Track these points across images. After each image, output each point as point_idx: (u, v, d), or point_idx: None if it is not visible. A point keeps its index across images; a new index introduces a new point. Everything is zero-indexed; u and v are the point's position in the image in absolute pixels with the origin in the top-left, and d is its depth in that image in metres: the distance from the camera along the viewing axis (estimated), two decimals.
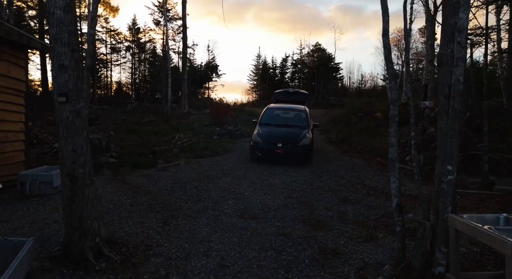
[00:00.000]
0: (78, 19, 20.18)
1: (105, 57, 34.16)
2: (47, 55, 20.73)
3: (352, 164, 9.46)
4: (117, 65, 36.05)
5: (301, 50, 46.45)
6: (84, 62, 3.83)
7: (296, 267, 3.86)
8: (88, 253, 3.69)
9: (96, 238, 3.83)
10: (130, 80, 36.27)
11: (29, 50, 7.82)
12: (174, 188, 6.66)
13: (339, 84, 47.00)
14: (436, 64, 15.48)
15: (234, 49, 77.74)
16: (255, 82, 50.18)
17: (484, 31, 9.76)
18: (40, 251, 3.82)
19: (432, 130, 10.24)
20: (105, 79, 35.49)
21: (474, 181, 8.11)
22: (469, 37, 11.32)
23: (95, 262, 3.67)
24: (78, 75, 3.70)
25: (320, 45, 45.15)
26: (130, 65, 36.10)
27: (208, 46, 40.75)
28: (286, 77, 48.76)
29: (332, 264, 3.95)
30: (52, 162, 7.68)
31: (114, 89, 36.27)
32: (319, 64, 42.77)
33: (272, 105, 11.69)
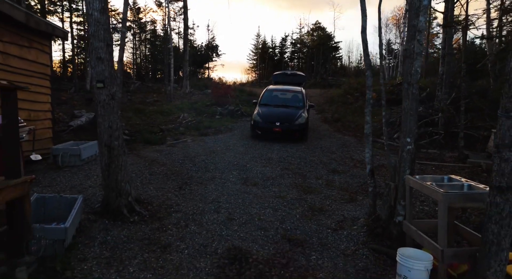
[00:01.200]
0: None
1: None
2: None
3: (343, 141, 10.37)
4: (118, 45, 36.27)
5: (300, 29, 46.60)
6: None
7: (289, 220, 4.83)
8: (123, 208, 4.65)
9: (129, 197, 4.78)
10: (131, 60, 36.67)
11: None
12: (184, 161, 7.58)
13: (338, 64, 47.35)
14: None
15: (234, 28, 77.17)
16: (255, 62, 50.49)
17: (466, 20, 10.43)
18: (84, 208, 4.76)
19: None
20: None
21: (451, 156, 9.06)
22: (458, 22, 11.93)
23: (129, 215, 4.63)
24: (112, 65, 4.53)
25: (320, 23, 45.27)
26: (132, 45, 36.38)
27: (208, 26, 41.06)
28: (286, 56, 49.01)
29: (318, 218, 4.92)
30: (70, 139, 8.58)
31: (115, 69, 36.72)
32: (318, 44, 43.02)
33: (271, 86, 12.48)
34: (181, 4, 28.23)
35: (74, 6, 28.14)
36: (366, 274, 3.58)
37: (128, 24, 35.69)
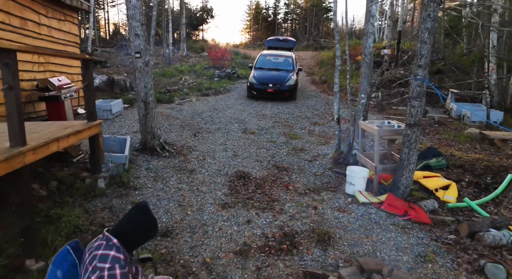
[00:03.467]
0: None
1: None
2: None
3: (327, 100, 12.00)
4: (113, 6, 36.32)
5: None
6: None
7: (277, 156, 6.60)
8: (157, 147, 6.34)
9: (160, 139, 6.46)
10: (127, 23, 36.85)
11: None
12: (194, 116, 9.21)
13: (331, 25, 47.71)
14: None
15: None
16: (248, 23, 50.53)
17: None
18: None
19: (390, 72, 12.65)
20: (104, 21, 36.04)
21: None
22: None
23: (161, 152, 6.33)
24: (145, 40, 5.99)
25: None
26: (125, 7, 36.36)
27: None
28: (279, 18, 49.08)
29: (299, 154, 6.70)
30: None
31: (112, 31, 36.96)
32: (311, 5, 43.19)
33: (264, 51, 13.86)
34: None
35: None
36: (328, 185, 5.40)
37: None
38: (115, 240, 1.99)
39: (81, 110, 7.58)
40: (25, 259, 3.29)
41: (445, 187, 5.20)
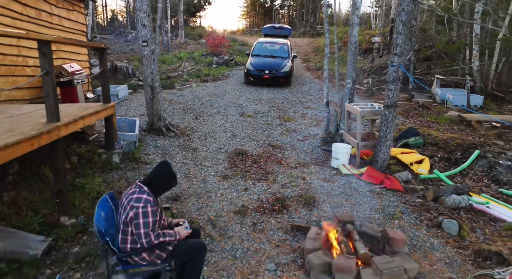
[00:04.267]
0: None
1: None
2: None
3: (321, 86, 12.59)
4: None
5: None
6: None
7: (272, 136, 7.26)
8: (162, 128, 6.98)
9: (165, 121, 7.09)
10: (125, 9, 36.87)
11: None
12: (194, 100, 9.82)
13: (329, 11, 47.70)
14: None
15: None
16: (245, 9, 50.44)
17: None
18: None
19: (382, 59, 13.22)
20: (102, 8, 36.03)
21: (403, 96, 11.44)
22: None
23: (167, 132, 6.97)
24: (152, 30, 6.55)
25: None
26: None
27: None
28: (276, 4, 48.97)
29: (291, 135, 7.36)
30: (96, 84, 10.61)
31: (109, 18, 36.99)
32: None
33: (261, 39, 14.37)
34: None
35: None
36: (316, 160, 6.08)
37: None
38: (145, 188, 2.66)
39: (90, 95, 8.17)
40: (60, 217, 3.96)
41: (419, 162, 5.89)
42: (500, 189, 5.10)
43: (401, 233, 3.55)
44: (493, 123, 7.38)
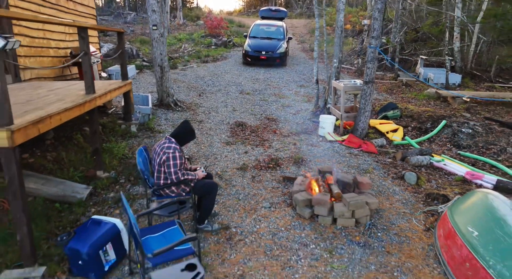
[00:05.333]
0: None
1: None
2: None
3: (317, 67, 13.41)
4: None
5: None
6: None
7: (268, 110, 8.18)
8: (171, 103, 7.87)
9: (173, 97, 7.97)
10: None
11: None
12: (197, 80, 10.66)
13: None
14: None
15: None
16: None
17: None
18: None
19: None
20: None
21: (390, 76, 12.32)
22: None
23: (175, 107, 7.87)
24: (161, 14, 7.34)
25: None
26: None
27: None
28: None
29: (285, 109, 8.29)
30: (105, 65, 11.38)
31: None
32: None
33: (258, 21, 15.07)
34: None
35: None
36: (306, 130, 7.03)
37: None
38: (173, 139, 3.60)
39: (103, 74, 8.99)
40: (96, 171, 4.92)
41: (395, 131, 6.86)
42: (459, 152, 6.10)
43: (368, 179, 4.54)
44: (464, 99, 8.32)
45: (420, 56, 11.87)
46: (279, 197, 4.53)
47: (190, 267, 2.75)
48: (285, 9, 17.98)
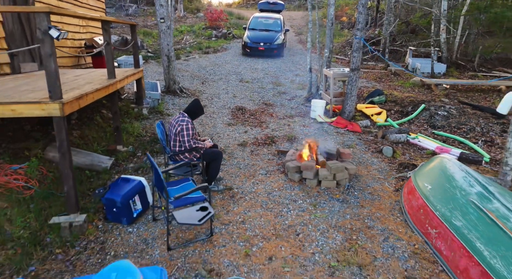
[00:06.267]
0: None
1: None
2: None
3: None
4: None
5: None
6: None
7: (266, 97, 8.96)
8: (177, 90, 8.64)
9: (179, 84, 8.74)
10: None
11: None
12: (199, 69, 11.40)
13: None
14: None
15: None
16: None
17: None
18: None
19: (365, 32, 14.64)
20: None
21: (381, 66, 13.06)
22: None
23: (180, 94, 8.64)
24: (168, 8, 8.07)
25: None
26: None
27: None
28: None
29: (282, 96, 9.06)
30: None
31: None
32: None
33: (256, 14, 15.76)
34: None
35: None
36: (299, 113, 7.82)
37: None
38: (186, 114, 4.39)
39: (115, 63, 9.76)
40: (116, 145, 5.71)
41: (379, 113, 7.65)
42: (433, 131, 6.90)
43: (349, 150, 5.34)
44: (444, 85, 9.09)
45: (409, 47, 12.60)
46: (274, 166, 5.34)
47: (203, 209, 3.56)
48: (282, 2, 18.63)
